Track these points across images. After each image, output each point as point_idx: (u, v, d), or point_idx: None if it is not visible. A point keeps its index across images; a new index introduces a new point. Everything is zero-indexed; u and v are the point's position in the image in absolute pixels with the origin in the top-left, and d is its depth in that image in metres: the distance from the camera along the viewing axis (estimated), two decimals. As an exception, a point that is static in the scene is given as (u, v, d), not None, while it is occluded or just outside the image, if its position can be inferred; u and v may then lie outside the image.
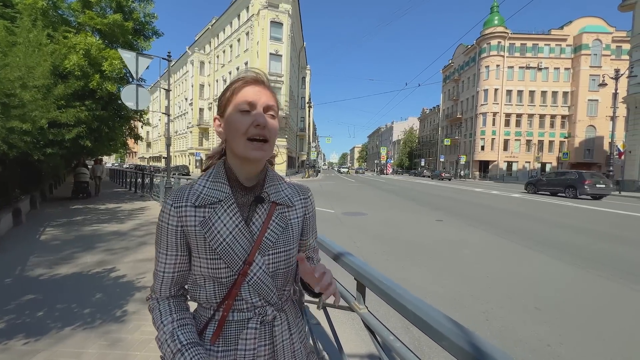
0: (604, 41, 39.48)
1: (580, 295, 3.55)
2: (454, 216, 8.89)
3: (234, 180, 0.75)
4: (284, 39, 32.38)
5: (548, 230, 7.16)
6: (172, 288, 0.74)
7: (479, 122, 43.66)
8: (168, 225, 0.71)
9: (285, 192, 0.80)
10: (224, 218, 0.70)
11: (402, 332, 2.54)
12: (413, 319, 0.72)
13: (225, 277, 0.70)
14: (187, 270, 0.75)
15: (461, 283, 3.81)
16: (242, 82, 0.74)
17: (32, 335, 2.33)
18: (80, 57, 8.38)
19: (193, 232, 0.70)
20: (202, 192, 0.73)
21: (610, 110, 21.81)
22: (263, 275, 0.71)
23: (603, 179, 15.02)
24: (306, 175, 32.96)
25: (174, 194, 0.73)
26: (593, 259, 4.90)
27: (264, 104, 0.72)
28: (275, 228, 0.74)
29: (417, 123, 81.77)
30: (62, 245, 4.94)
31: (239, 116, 0.71)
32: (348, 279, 1.17)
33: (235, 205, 0.73)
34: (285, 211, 0.78)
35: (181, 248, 0.72)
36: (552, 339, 2.59)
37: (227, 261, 0.69)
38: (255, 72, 0.77)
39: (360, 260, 1.05)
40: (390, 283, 0.87)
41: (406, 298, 0.77)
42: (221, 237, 0.69)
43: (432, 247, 5.45)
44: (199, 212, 0.70)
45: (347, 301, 1.11)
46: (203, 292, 0.72)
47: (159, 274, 0.73)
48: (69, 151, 8.68)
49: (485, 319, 2.91)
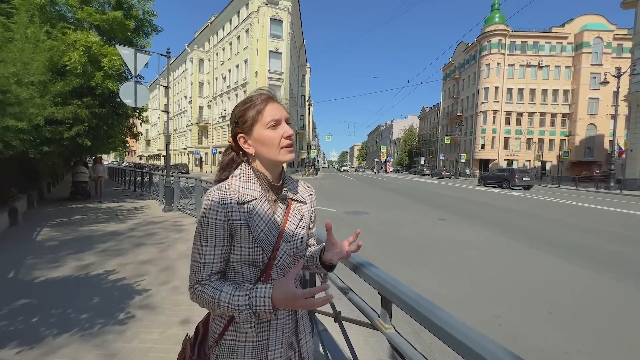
0: (605, 39, 39.27)
1: (594, 299, 3.44)
2: (456, 215, 8.79)
3: (263, 180, 0.88)
4: (284, 36, 32.15)
5: (555, 229, 7.06)
6: (215, 276, 0.83)
7: (479, 121, 43.49)
8: (216, 220, 0.81)
9: (299, 190, 0.95)
10: (261, 212, 0.83)
11: (413, 337, 2.43)
12: (463, 351, 0.61)
13: (262, 261, 0.83)
14: (227, 260, 0.85)
15: (469, 285, 3.71)
16: (264, 103, 0.85)
17: (25, 343, 2.21)
18: (80, 54, 8.24)
19: (239, 224, 0.81)
20: (240, 191, 0.84)
21: (611, 108, 21.75)
22: (287, 258, 0.85)
23: (528, 174, 20.41)
24: (306, 173, 32.83)
25: (218, 193, 0.83)
26: (604, 260, 4.79)
27: (284, 117, 0.87)
28: (293, 219, 0.89)
29: (417, 121, 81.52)
30: (59, 246, 4.82)
31: (270, 132, 0.84)
32: (367, 290, 1.05)
33: (267, 201, 0.86)
34: (300, 206, 0.93)
35: (227, 239, 0.83)
36: (569, 345, 2.49)
37: (264, 247, 0.82)
38: (268, 90, 0.90)
39: (386, 273, 0.94)
40: (427, 303, 0.76)
41: (451, 324, 0.65)
42: (259, 228, 0.82)
43: (436, 247, 5.34)
44: (242, 208, 0.82)
45: (369, 318, 0.99)
46: (240, 277, 0.84)
47: (206, 264, 0.81)
48: (66, 149, 8.52)
49: (498, 324, 2.81)
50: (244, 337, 0.82)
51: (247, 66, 33.30)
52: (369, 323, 1.01)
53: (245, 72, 33.93)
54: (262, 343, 0.82)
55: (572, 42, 41.17)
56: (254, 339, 0.82)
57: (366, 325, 1.03)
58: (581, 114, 40.07)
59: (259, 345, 0.82)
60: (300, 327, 0.91)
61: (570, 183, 26.16)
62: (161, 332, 2.41)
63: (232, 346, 0.82)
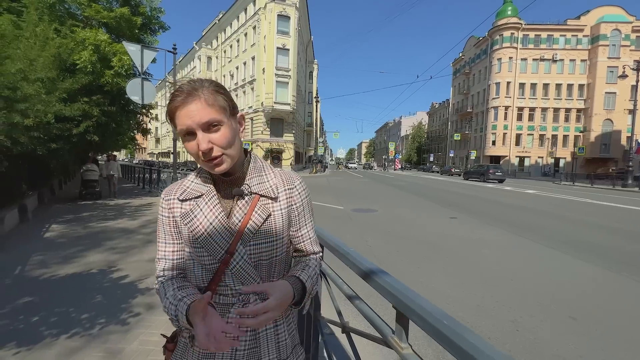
0: (623, 31, 37.85)
1: (617, 303, 3.24)
2: (468, 213, 8.55)
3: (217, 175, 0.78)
4: (291, 32, 31.92)
5: (572, 228, 6.78)
6: (174, 271, 0.80)
7: (490, 117, 42.59)
8: (162, 217, 0.80)
9: (269, 183, 0.81)
10: (205, 210, 0.76)
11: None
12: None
13: (209, 263, 0.75)
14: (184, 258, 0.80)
15: (484, 287, 3.54)
16: (174, 106, 0.70)
17: (24, 343, 2.16)
18: (91, 53, 8.27)
19: (180, 222, 0.77)
20: (189, 186, 0.80)
21: (629, 103, 20.93)
22: (245, 264, 0.74)
23: (500, 169, 24.92)
24: (313, 170, 32.72)
25: (166, 189, 0.83)
26: (627, 262, 4.55)
27: (199, 124, 0.69)
28: (256, 219, 0.76)
29: (425, 118, 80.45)
30: (67, 243, 4.82)
31: (186, 141, 0.72)
32: (379, 301, 0.92)
33: (217, 198, 0.78)
34: (269, 202, 0.79)
35: (177, 236, 0.79)
36: (593, 354, 2.32)
37: (208, 250, 0.74)
38: (188, 82, 0.72)
39: (401, 284, 0.81)
40: (452, 323, 0.63)
41: (486, 353, 0.52)
42: (202, 228, 0.74)
43: (447, 247, 5.17)
44: (185, 205, 0.78)
45: (382, 334, 0.86)
46: (193, 275, 0.78)
47: (159, 259, 0.80)
48: (75, 146, 8.58)
49: (515, 329, 2.65)
50: None
51: (254, 63, 33.19)
52: (381, 339, 0.88)
53: (252, 69, 33.86)
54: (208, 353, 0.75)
55: (588, 34, 39.85)
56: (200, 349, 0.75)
57: (378, 342, 0.90)
58: (597, 109, 38.84)
59: (206, 353, 0.75)
60: (263, 350, 0.76)
61: (585, 180, 25.39)
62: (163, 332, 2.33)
63: (185, 345, 0.79)
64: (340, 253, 1.12)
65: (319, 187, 16.71)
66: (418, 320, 0.72)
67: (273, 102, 30.48)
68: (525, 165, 42.29)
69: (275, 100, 30.68)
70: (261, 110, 31.20)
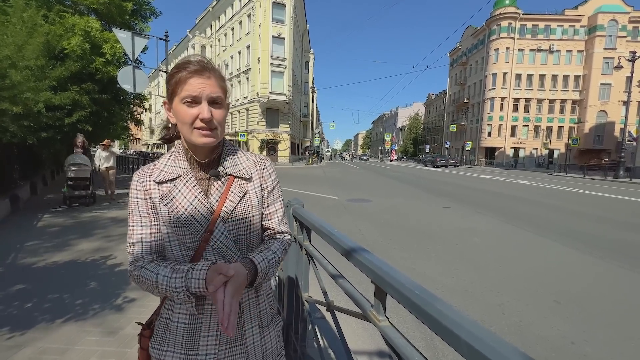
0: (620, 22, 37.73)
1: (603, 288, 3.34)
2: (461, 203, 8.65)
3: (191, 157, 0.82)
4: (287, 20, 31.36)
5: (561, 217, 6.91)
6: (154, 255, 0.80)
7: (486, 108, 42.61)
8: (137, 199, 0.79)
9: (243, 165, 0.86)
10: (184, 191, 0.78)
11: (421, 343, 2.36)
12: (467, 351, 0.50)
13: (190, 242, 0.77)
14: (162, 239, 0.80)
15: (473, 273, 3.62)
16: (187, 73, 0.74)
17: (18, 328, 2.18)
18: (81, 39, 8.08)
19: (158, 204, 0.78)
20: (164, 169, 0.81)
21: (624, 94, 21.05)
22: (225, 239, 0.78)
23: (445, 158, 35.97)
24: (309, 162, 32.67)
25: (138, 172, 0.82)
26: (611, 248, 4.66)
27: (208, 96, 0.74)
28: (233, 198, 0.81)
29: (422, 109, 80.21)
30: (59, 232, 4.80)
31: (184, 108, 0.74)
32: (362, 278, 0.96)
33: (194, 179, 0.80)
34: (244, 183, 0.84)
35: (154, 217, 0.79)
36: (576, 336, 2.40)
37: (190, 228, 0.76)
38: (201, 59, 0.77)
39: (380, 260, 0.83)
40: (424, 293, 0.65)
41: (455, 320, 0.55)
42: (182, 208, 0.77)
43: (440, 235, 5.25)
44: (162, 187, 0.78)
45: (362, 309, 0.89)
46: (172, 255, 0.79)
47: (135, 244, 0.79)
48: (67, 136, 8.46)
49: (502, 313, 2.73)
50: (177, 317, 0.79)
51: (249, 52, 32.63)
52: (361, 314, 0.91)
53: (247, 59, 33.32)
54: (195, 327, 0.78)
55: (585, 25, 39.66)
56: (186, 322, 0.78)
57: (358, 317, 0.93)
58: (592, 100, 39.00)
59: (190, 329, 0.78)
60: (246, 317, 0.82)
61: (578, 171, 25.70)
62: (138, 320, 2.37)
63: (166, 325, 0.80)
64: (324, 233, 1.15)
65: (315, 178, 16.72)
66: (394, 293, 0.74)
67: (269, 92, 30.10)
68: (520, 156, 42.56)
69: (271, 91, 30.30)
70: (257, 100, 30.84)
